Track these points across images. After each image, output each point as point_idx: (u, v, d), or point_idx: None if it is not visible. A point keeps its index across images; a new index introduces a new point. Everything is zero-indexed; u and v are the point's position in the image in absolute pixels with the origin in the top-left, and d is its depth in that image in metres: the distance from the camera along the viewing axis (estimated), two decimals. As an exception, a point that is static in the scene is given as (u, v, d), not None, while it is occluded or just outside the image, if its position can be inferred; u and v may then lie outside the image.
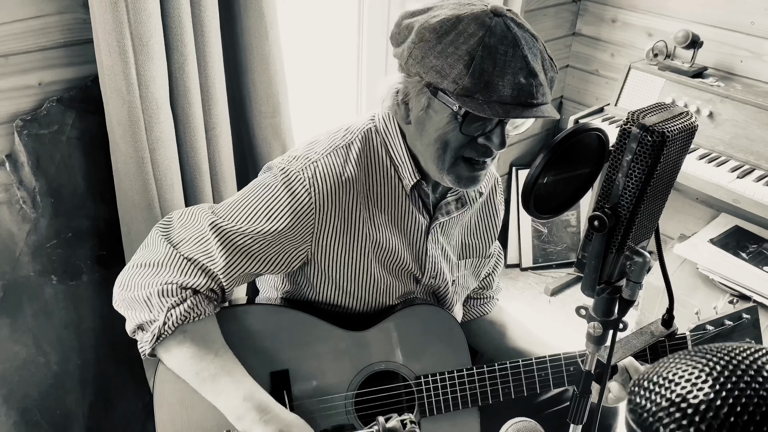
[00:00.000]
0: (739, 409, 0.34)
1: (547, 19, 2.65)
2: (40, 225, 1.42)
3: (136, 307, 1.09)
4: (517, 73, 0.97)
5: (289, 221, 1.09)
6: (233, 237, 1.09)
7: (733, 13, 2.30)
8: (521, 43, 0.98)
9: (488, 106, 0.97)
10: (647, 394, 0.39)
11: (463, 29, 0.98)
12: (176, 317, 1.06)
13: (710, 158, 2.17)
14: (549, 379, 1.22)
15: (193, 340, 1.08)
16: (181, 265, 1.08)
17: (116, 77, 1.28)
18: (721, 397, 0.35)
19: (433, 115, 1.05)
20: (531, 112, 0.99)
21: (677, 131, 0.72)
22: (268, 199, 1.09)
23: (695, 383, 0.37)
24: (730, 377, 0.36)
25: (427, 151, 1.10)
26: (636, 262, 0.82)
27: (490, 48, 0.96)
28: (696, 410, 0.36)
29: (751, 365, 0.36)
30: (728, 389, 0.35)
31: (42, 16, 1.29)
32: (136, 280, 1.10)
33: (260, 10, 1.43)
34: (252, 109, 1.55)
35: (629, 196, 0.75)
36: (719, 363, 0.37)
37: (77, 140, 1.41)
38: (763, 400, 0.34)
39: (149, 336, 1.07)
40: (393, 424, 0.72)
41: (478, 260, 1.36)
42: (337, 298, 1.19)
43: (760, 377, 0.36)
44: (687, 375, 0.38)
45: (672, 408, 0.37)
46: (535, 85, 0.99)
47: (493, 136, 1.04)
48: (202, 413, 1.11)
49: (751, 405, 0.34)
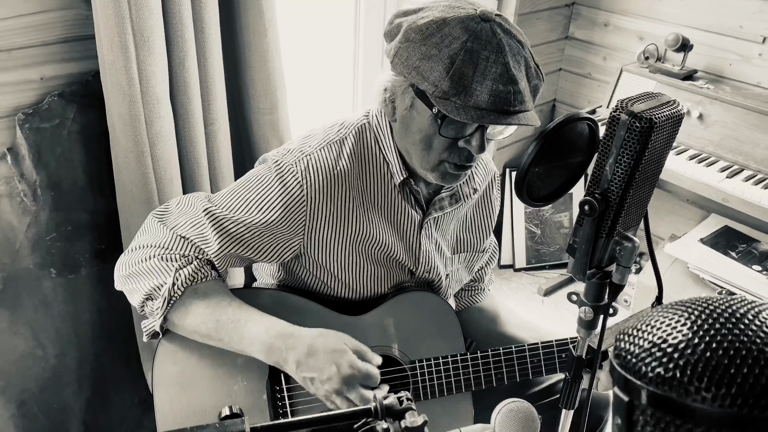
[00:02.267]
0: (714, 346, 0.37)
1: (541, 22, 2.69)
2: (41, 218, 1.44)
3: (140, 279, 1.11)
4: (497, 79, 0.98)
5: (281, 213, 1.11)
6: (227, 224, 1.11)
7: (723, 17, 2.34)
8: (505, 50, 0.99)
9: (464, 111, 0.98)
10: (631, 339, 0.42)
11: (448, 32, 0.99)
12: (185, 277, 1.08)
13: (700, 159, 2.21)
14: (541, 365, 1.25)
15: (206, 294, 1.10)
16: (178, 242, 1.12)
17: (118, 72, 1.30)
18: (698, 336, 0.38)
19: (416, 116, 1.06)
20: (507, 119, 1.00)
21: (665, 118, 0.75)
22: (261, 191, 1.12)
23: (675, 326, 0.40)
24: (707, 320, 0.39)
25: (412, 150, 1.12)
26: (625, 247, 0.84)
27: (471, 52, 0.97)
28: (675, 348, 0.39)
29: (726, 310, 0.39)
30: (705, 329, 0.38)
31: (44, 11, 1.31)
32: (136, 257, 1.13)
33: (259, 8, 1.45)
34: (250, 105, 1.57)
35: (618, 181, 0.78)
36: (697, 309, 0.40)
37: (78, 134, 1.43)
38: (736, 338, 0.37)
39: (160, 302, 1.09)
40: (390, 401, 0.74)
41: (473, 255, 1.38)
42: (331, 286, 1.22)
43: (733, 319, 0.39)
44: (668, 321, 0.41)
45: (653, 348, 0.40)
46: (514, 92, 0.99)
47: (472, 140, 1.05)
48: (200, 394, 1.13)
49: (725, 342, 0.37)
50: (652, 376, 0.40)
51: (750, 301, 0.40)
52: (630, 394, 0.41)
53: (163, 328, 1.13)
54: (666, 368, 0.39)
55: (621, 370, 0.42)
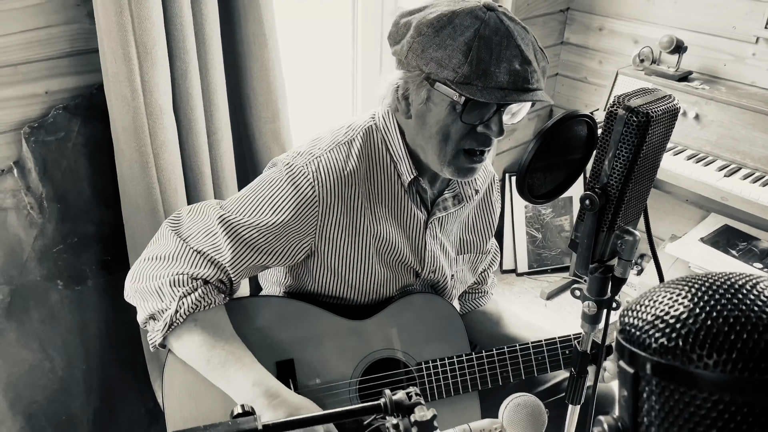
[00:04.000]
0: (715, 315, 0.39)
1: (536, 28, 2.72)
2: (47, 230, 1.45)
3: (147, 297, 1.12)
4: (512, 60, 1.03)
5: (294, 214, 1.13)
6: (240, 230, 1.13)
7: (716, 18, 2.37)
8: (514, 34, 1.05)
9: (487, 92, 1.03)
10: (635, 314, 0.44)
11: (460, 22, 1.04)
12: (188, 306, 1.09)
13: (698, 158, 2.23)
14: (546, 362, 1.26)
15: (204, 328, 1.11)
16: (190, 258, 1.12)
17: (121, 84, 1.33)
18: (699, 307, 0.40)
19: (433, 107, 1.10)
20: (528, 96, 1.05)
21: (661, 112, 0.77)
22: (274, 193, 1.14)
23: (677, 300, 0.42)
24: (707, 292, 0.41)
25: (428, 144, 1.14)
26: (626, 241, 0.85)
27: (485, 38, 1.03)
28: (677, 319, 0.40)
29: (725, 283, 0.41)
30: (705, 300, 0.40)
31: (49, 26, 1.34)
32: (148, 272, 1.14)
33: (259, 19, 1.48)
34: (252, 115, 1.59)
35: (618, 175, 0.80)
36: (697, 283, 0.42)
37: (82, 146, 1.45)
38: (735, 307, 0.39)
39: (161, 324, 1.10)
40: (399, 397, 0.75)
41: (476, 256, 1.40)
42: (339, 289, 1.23)
43: (732, 290, 0.41)
44: (670, 295, 0.43)
45: (656, 321, 0.41)
46: (530, 71, 1.05)
47: (491, 123, 1.09)
48: (210, 403, 1.14)
49: (725, 311, 0.39)
50: (656, 347, 0.41)
51: (748, 275, 0.42)
52: (635, 366, 0.42)
53: (164, 345, 1.14)
54: (669, 338, 0.40)
55: (626, 343, 0.43)
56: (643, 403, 0.43)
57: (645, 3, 2.54)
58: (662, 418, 0.41)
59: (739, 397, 0.38)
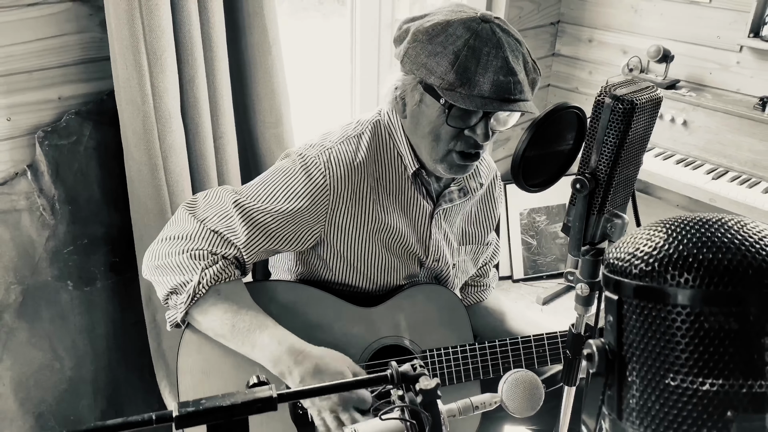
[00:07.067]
0: (686, 242, 0.46)
1: (528, 40, 2.77)
2: (59, 231, 1.50)
3: (168, 272, 1.17)
4: (497, 71, 1.09)
5: (306, 202, 1.19)
6: (254, 214, 1.18)
7: (700, 28, 2.46)
8: (504, 46, 1.11)
9: (469, 99, 1.09)
10: (618, 251, 0.50)
11: (452, 32, 1.11)
12: (210, 277, 1.14)
13: (686, 162, 2.30)
14: (546, 355, 1.31)
15: (227, 297, 1.16)
16: (208, 236, 1.18)
17: (132, 89, 1.38)
18: (672, 236, 0.47)
19: (425, 109, 1.17)
20: (511, 106, 1.12)
21: (645, 100, 0.83)
22: (287, 182, 1.20)
23: (656, 234, 0.49)
24: (680, 225, 0.48)
25: (421, 143, 1.21)
26: (616, 224, 0.91)
27: (474, 49, 1.09)
28: (654, 247, 0.47)
29: (699, 221, 0.49)
30: (678, 232, 0.47)
31: (62, 35, 1.40)
32: (166, 249, 1.19)
33: (264, 27, 1.55)
34: (256, 120, 1.65)
35: (606, 160, 0.86)
36: (674, 222, 0.49)
37: (93, 150, 1.50)
38: (702, 235, 0.47)
39: (184, 297, 1.15)
40: (404, 368, 0.80)
41: (478, 247, 1.46)
42: (347, 276, 1.28)
43: (700, 224, 0.48)
44: (648, 233, 0.49)
45: (637, 251, 0.48)
46: (513, 83, 1.10)
47: (477, 129, 1.15)
48: (223, 381, 1.18)
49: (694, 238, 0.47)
50: (636, 272, 0.48)
51: (715, 215, 0.49)
52: (619, 292, 0.49)
53: (184, 321, 1.19)
54: (647, 263, 0.47)
55: (611, 274, 0.50)
56: (626, 325, 0.49)
57: (633, 15, 2.63)
58: (642, 334, 0.47)
59: (706, 307, 0.44)
